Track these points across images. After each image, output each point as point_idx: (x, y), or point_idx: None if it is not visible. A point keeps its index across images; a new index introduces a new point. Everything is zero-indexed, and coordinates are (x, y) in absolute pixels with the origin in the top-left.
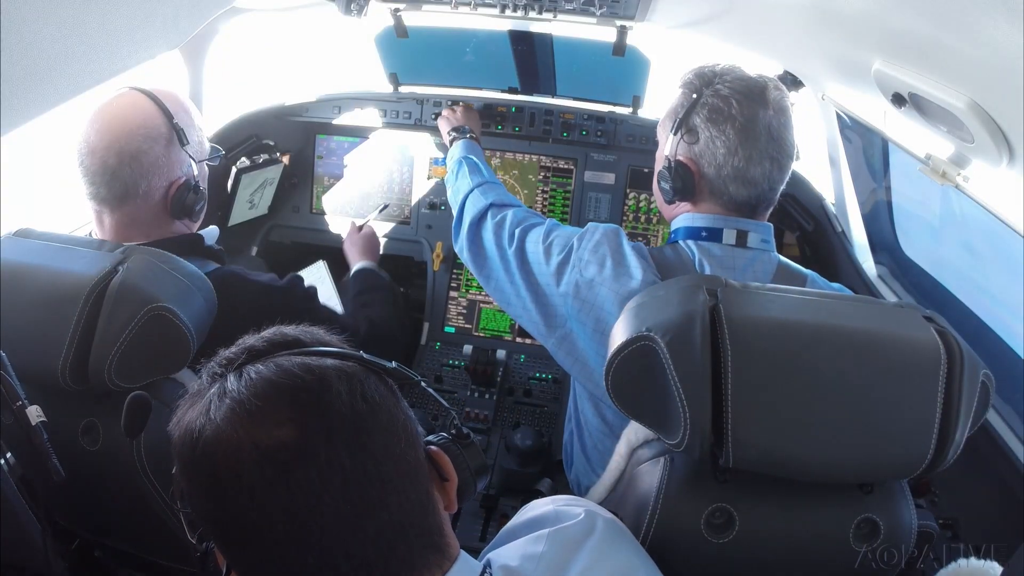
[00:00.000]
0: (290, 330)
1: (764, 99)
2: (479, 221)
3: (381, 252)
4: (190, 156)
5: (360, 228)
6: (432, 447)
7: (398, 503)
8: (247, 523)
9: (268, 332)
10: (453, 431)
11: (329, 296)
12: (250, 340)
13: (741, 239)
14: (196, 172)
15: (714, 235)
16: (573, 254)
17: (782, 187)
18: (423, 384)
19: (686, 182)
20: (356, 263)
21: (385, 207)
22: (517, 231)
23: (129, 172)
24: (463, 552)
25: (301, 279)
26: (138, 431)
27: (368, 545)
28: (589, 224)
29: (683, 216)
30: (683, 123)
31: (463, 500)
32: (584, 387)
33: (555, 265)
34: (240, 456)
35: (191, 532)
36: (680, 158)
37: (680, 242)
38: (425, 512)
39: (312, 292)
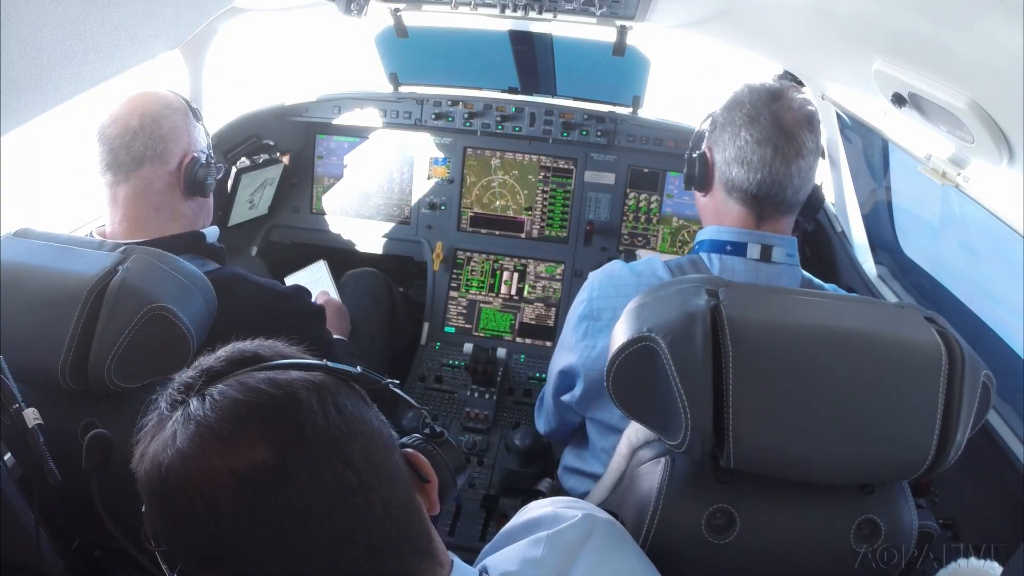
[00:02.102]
0: (247, 345)
1: (778, 95)
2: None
3: (381, 251)
4: (205, 131)
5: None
6: (408, 449)
7: (384, 512)
8: (230, 553)
9: (224, 351)
10: (426, 431)
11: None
12: (207, 361)
13: (766, 254)
14: (206, 146)
15: (738, 249)
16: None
17: (796, 188)
18: (391, 386)
19: (701, 169)
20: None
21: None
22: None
23: (150, 131)
24: (456, 558)
25: (309, 292)
26: (100, 468)
27: (359, 559)
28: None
29: (709, 228)
30: (712, 116)
31: (445, 500)
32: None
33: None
34: (215, 484)
35: (170, 571)
36: (702, 147)
37: (703, 255)
38: (411, 518)
39: (321, 310)
